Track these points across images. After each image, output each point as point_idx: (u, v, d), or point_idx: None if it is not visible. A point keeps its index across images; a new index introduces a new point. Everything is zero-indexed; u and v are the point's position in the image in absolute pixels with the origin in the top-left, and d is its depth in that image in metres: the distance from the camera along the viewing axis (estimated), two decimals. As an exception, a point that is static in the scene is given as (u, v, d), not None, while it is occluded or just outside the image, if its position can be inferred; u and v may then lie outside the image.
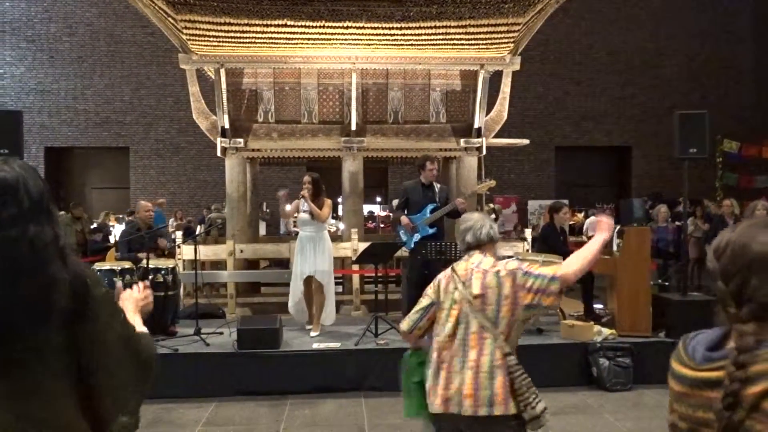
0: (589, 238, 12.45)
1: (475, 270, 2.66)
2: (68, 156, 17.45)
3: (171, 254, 7.51)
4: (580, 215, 14.29)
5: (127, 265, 6.24)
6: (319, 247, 6.33)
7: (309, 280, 6.38)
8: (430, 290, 2.83)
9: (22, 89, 16.81)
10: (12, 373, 1.25)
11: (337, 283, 9.27)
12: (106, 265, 6.52)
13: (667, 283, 9.03)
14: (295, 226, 7.43)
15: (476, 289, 2.60)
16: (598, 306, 7.24)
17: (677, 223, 9.96)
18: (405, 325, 2.90)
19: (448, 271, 2.78)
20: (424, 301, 2.83)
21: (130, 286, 1.80)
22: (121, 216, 13.94)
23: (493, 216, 13.13)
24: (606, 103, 18.13)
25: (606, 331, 5.98)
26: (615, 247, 6.84)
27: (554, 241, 6.80)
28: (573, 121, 18.14)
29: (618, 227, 7.27)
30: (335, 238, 9.28)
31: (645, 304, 6.08)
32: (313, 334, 6.30)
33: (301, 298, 6.53)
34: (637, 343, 5.85)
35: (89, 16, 16.96)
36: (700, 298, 6.34)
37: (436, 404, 2.62)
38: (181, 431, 4.82)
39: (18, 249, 1.27)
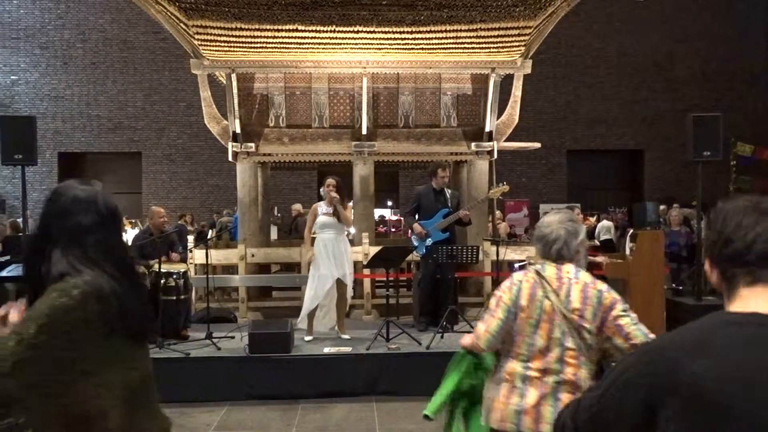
0: (601, 242, 12.32)
1: (573, 281, 2.36)
2: (81, 161, 17.58)
3: (183, 258, 7.53)
4: (592, 219, 14.20)
5: (139, 269, 6.27)
6: (344, 250, 6.18)
7: (336, 283, 6.18)
8: (504, 296, 2.44)
9: (36, 95, 16.97)
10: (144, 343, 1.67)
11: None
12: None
13: (680, 288, 8.94)
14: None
15: (576, 303, 2.31)
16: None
17: (693, 224, 9.87)
18: (483, 342, 2.46)
19: (530, 274, 2.44)
20: (499, 312, 2.43)
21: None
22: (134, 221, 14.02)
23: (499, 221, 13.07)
24: (618, 107, 18.03)
25: (619, 336, 5.92)
26: (628, 251, 6.79)
27: None
28: (585, 124, 18.07)
29: (631, 231, 7.22)
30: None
31: (659, 309, 6.02)
32: (345, 337, 6.23)
33: (322, 303, 6.24)
34: (651, 347, 5.78)
35: (102, 23, 17.11)
36: (715, 303, 6.27)
37: (494, 418, 2.39)
38: (192, 435, 4.83)
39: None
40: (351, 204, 6.50)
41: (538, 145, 9.40)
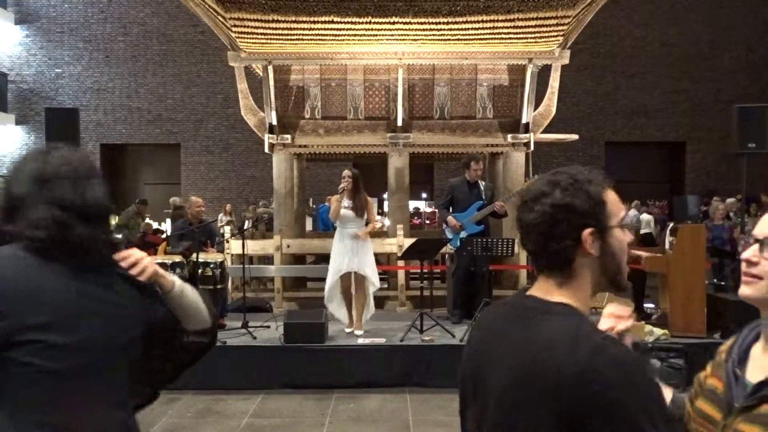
0: (641, 235, 12.06)
1: None
2: (122, 152, 17.95)
3: (220, 249, 7.64)
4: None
5: (177, 258, 6.39)
6: (362, 245, 6.10)
7: (347, 277, 6.16)
8: None
9: (79, 88, 17.37)
10: None
11: (382, 279, 9.29)
12: (158, 259, 6.67)
13: (723, 283, 8.72)
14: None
15: None
16: (649, 305, 7.05)
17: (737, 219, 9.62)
18: None
19: None
20: None
21: (184, 279, 1.77)
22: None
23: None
24: (659, 97, 17.60)
25: (658, 331, 5.82)
26: (668, 245, 6.66)
27: None
28: (624, 115, 17.69)
29: (671, 224, 7.08)
30: (381, 234, 9.29)
31: (699, 304, 5.89)
32: (357, 333, 6.14)
33: (337, 294, 6.30)
34: (691, 344, 5.66)
35: (142, 17, 17.41)
36: (758, 299, 6.09)
37: None
38: (229, 422, 4.91)
39: None
40: (369, 198, 6.22)
41: (575, 136, 9.26)
